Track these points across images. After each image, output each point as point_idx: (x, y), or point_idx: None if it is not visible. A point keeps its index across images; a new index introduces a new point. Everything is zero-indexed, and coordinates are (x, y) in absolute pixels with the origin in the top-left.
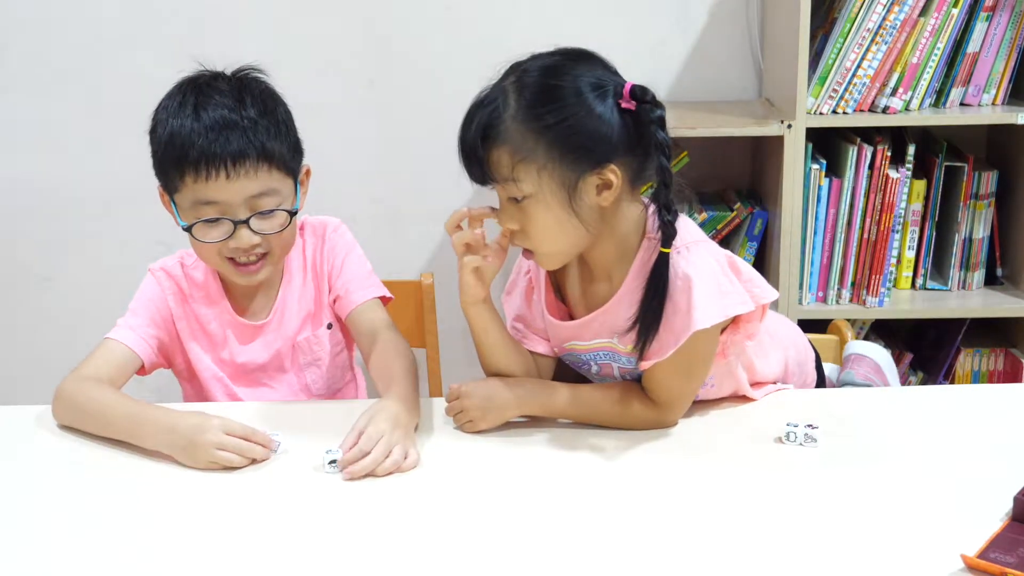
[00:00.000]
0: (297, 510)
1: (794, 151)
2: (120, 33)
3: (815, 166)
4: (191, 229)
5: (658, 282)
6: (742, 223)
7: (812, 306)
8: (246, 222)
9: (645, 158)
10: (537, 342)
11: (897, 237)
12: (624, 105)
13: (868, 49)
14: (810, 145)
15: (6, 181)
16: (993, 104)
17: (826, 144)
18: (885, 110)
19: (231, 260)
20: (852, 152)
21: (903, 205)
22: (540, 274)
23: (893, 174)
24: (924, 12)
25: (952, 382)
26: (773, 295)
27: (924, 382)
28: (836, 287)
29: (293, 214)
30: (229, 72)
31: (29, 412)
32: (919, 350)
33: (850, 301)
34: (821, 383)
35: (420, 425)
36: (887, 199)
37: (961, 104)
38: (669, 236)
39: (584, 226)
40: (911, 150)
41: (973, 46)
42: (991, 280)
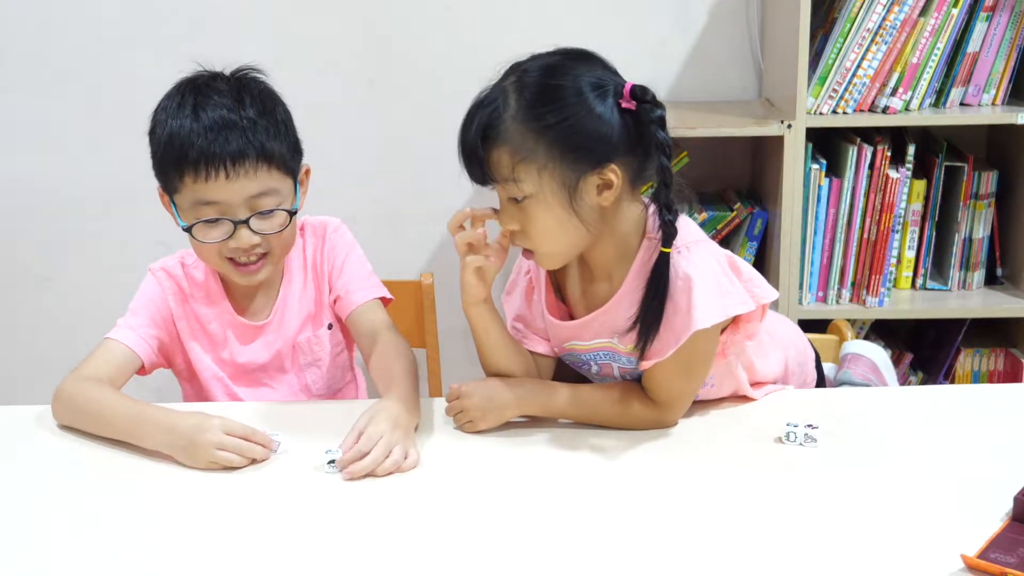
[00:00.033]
0: (297, 510)
1: (794, 151)
2: (120, 33)
3: (815, 166)
4: (191, 230)
5: (658, 282)
6: (742, 223)
7: (812, 306)
8: (246, 222)
9: (645, 158)
10: (537, 342)
11: (897, 237)
12: (624, 105)
13: (868, 49)
14: (810, 145)
15: (6, 181)
16: (993, 104)
17: (826, 144)
18: (885, 110)
19: (231, 260)
20: (852, 152)
21: (903, 205)
22: (540, 274)
23: (893, 174)
24: (924, 12)
25: (952, 382)
26: (773, 295)
27: (924, 382)
28: (836, 287)
29: (293, 214)
30: (228, 72)
31: (29, 412)
32: (919, 350)
33: (850, 301)
34: (821, 383)
35: (420, 425)
36: (887, 199)
37: (961, 104)
38: (669, 236)
39: (584, 226)
40: (911, 150)
41: (973, 46)
42: (991, 280)
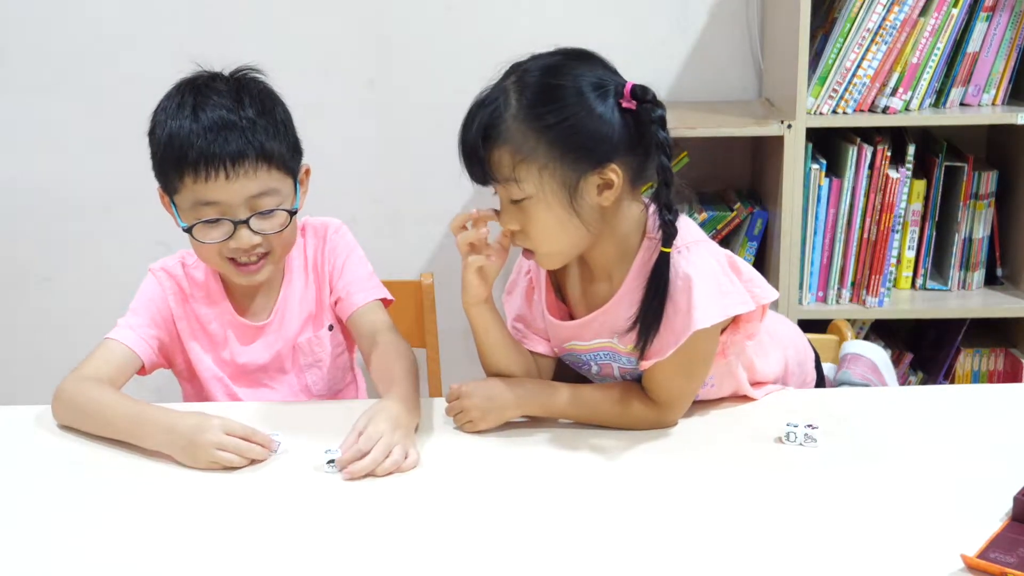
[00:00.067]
0: (297, 510)
1: (794, 151)
2: (120, 33)
3: (815, 166)
4: (191, 230)
5: (658, 282)
6: (742, 223)
7: (812, 306)
8: (246, 222)
9: (646, 158)
10: (537, 342)
11: (897, 237)
12: (625, 105)
13: (868, 49)
14: (810, 145)
15: (6, 181)
16: (993, 104)
17: (826, 144)
18: (885, 110)
19: (232, 260)
20: (852, 152)
21: (903, 205)
22: (540, 274)
23: (893, 174)
24: (924, 12)
25: (952, 382)
26: (773, 295)
27: (924, 382)
28: (836, 287)
29: (293, 214)
30: (227, 73)
31: (29, 412)
32: (919, 350)
33: (850, 301)
34: (821, 383)
35: (420, 425)
36: (887, 199)
37: (961, 104)
38: (670, 236)
39: (585, 226)
40: (911, 150)
41: (973, 46)
42: (991, 280)
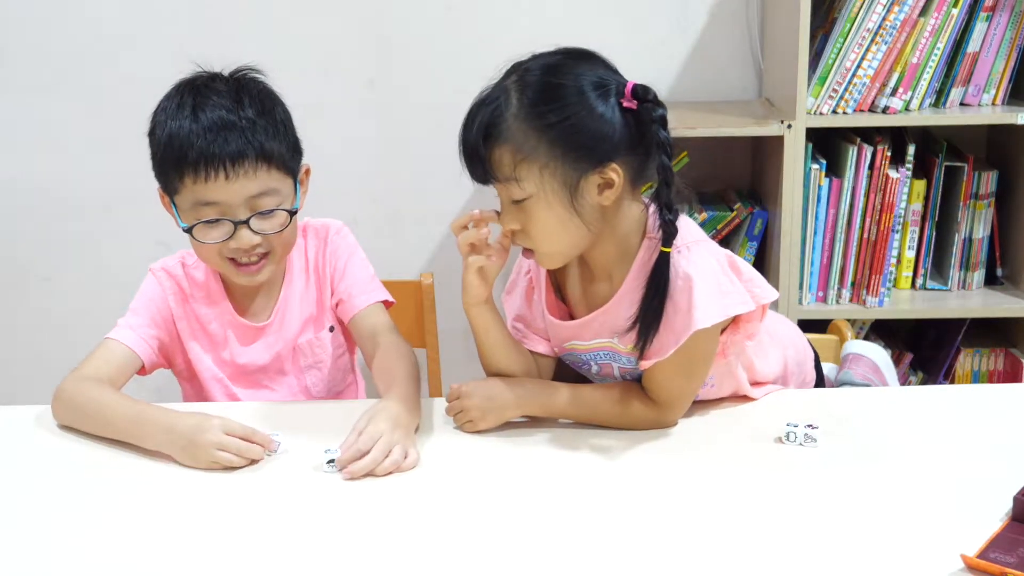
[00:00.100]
0: (297, 510)
1: (794, 151)
2: (120, 33)
3: (815, 166)
4: (191, 230)
5: (659, 281)
6: (742, 223)
7: (812, 306)
8: (246, 222)
9: (646, 157)
10: (537, 342)
11: (897, 237)
12: (626, 104)
13: (868, 49)
14: (810, 145)
15: (6, 181)
16: (993, 104)
17: (826, 144)
18: (885, 110)
19: (232, 261)
20: (852, 152)
21: (903, 205)
22: (540, 274)
23: (893, 174)
24: (924, 12)
25: (952, 382)
26: (773, 295)
27: (924, 382)
28: (836, 287)
29: (293, 213)
30: (227, 73)
31: (29, 412)
32: (919, 350)
33: (850, 301)
34: (820, 383)
35: (420, 425)
36: (887, 199)
37: (961, 104)
38: (670, 235)
39: (585, 225)
40: (911, 150)
41: (973, 46)
42: (991, 280)
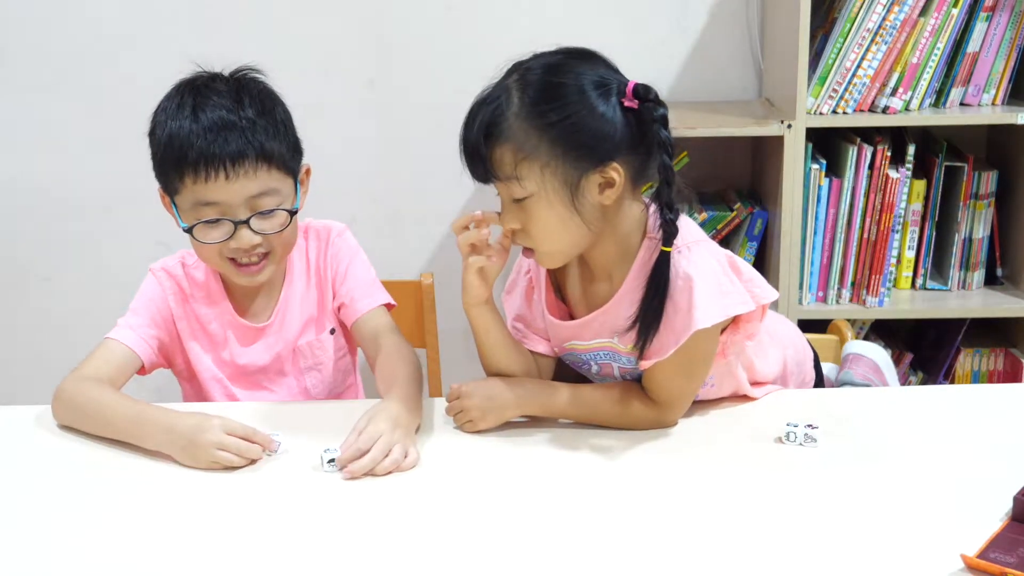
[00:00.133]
0: (296, 510)
1: (794, 151)
2: (120, 33)
3: (815, 166)
4: (192, 230)
5: (659, 281)
6: (742, 223)
7: (812, 306)
8: (246, 222)
9: (647, 157)
10: (537, 342)
11: (897, 237)
12: (627, 103)
13: (868, 49)
14: (810, 145)
15: (6, 181)
16: (993, 104)
17: (826, 144)
18: (885, 110)
19: (232, 261)
20: (852, 152)
21: (903, 205)
22: (540, 274)
23: (893, 174)
24: (924, 12)
25: (952, 382)
26: (773, 295)
27: (924, 382)
28: (836, 287)
29: (293, 213)
30: (227, 73)
31: (29, 412)
32: (919, 350)
33: (850, 301)
34: (820, 383)
35: (420, 425)
36: (887, 199)
37: (961, 104)
38: (670, 235)
39: (586, 225)
40: (911, 150)
41: (973, 46)
42: (991, 280)
